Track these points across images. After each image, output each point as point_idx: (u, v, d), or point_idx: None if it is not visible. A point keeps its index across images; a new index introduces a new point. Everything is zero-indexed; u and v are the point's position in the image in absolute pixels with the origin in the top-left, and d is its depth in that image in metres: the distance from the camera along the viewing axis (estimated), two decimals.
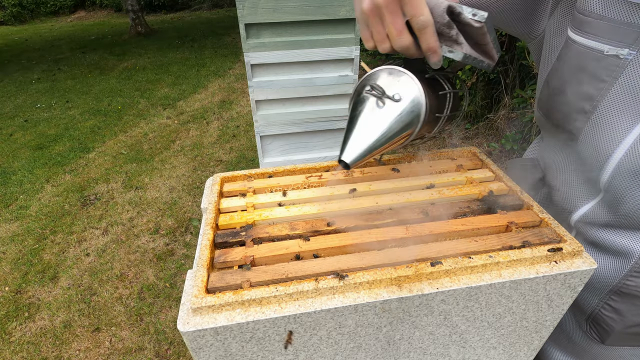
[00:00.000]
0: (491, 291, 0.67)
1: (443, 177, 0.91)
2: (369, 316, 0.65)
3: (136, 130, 4.00)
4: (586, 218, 0.78)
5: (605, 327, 0.80)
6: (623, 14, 0.58)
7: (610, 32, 0.60)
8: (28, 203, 2.89)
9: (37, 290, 2.15)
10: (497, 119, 3.14)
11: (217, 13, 11.14)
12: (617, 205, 0.70)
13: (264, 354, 0.66)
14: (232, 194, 0.90)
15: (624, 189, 0.66)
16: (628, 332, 0.78)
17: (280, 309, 0.61)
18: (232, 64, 6.06)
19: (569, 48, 0.68)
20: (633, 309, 0.75)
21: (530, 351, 0.85)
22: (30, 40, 8.84)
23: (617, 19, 0.59)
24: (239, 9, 1.48)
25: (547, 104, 0.78)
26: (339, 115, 1.81)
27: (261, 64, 1.64)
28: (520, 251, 0.68)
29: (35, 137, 3.97)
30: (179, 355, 1.76)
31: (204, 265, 0.67)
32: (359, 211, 0.82)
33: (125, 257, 2.33)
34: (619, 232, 0.74)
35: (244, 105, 4.42)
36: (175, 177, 3.12)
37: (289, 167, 0.96)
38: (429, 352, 0.78)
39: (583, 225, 0.80)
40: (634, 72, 0.60)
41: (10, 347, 1.84)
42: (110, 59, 6.73)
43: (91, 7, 12.75)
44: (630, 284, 0.73)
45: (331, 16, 1.56)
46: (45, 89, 5.43)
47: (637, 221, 0.69)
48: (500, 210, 0.80)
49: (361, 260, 0.68)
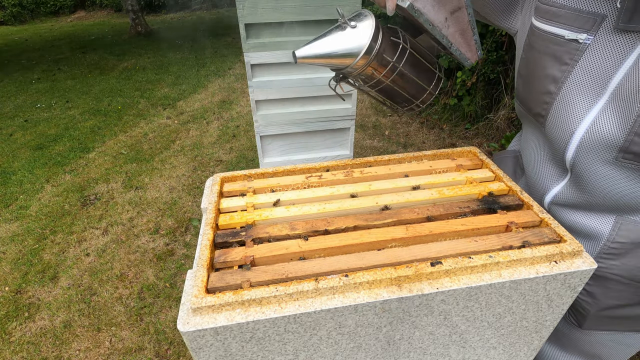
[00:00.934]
0: (491, 291, 0.67)
1: (443, 177, 0.91)
2: (369, 316, 0.65)
3: (136, 130, 4.00)
4: (557, 199, 0.81)
5: (581, 311, 0.83)
6: (582, 3, 0.65)
7: (570, 19, 0.66)
8: (28, 203, 2.89)
9: (37, 290, 2.15)
10: (497, 119, 3.14)
11: (217, 13, 11.14)
12: (582, 184, 0.74)
13: (264, 354, 0.66)
14: (232, 194, 0.90)
15: (587, 165, 0.71)
16: (603, 315, 0.80)
17: (280, 309, 0.61)
18: (232, 64, 6.06)
19: (534, 35, 0.74)
20: (605, 292, 0.77)
21: (530, 351, 0.85)
22: (30, 40, 8.84)
23: (576, 8, 0.65)
24: (239, 9, 1.48)
25: (521, 93, 0.84)
26: (339, 115, 1.81)
27: (261, 64, 1.64)
28: (520, 251, 0.68)
29: (35, 137, 3.97)
30: (179, 355, 1.76)
31: (204, 265, 0.67)
32: (359, 211, 0.82)
33: (125, 257, 2.33)
34: (587, 215, 0.77)
35: (244, 105, 4.42)
36: (175, 177, 3.12)
37: (289, 167, 0.96)
38: (429, 352, 0.78)
39: (556, 207, 0.83)
40: (592, 55, 0.65)
41: (10, 347, 1.84)
42: (110, 59, 6.72)
43: (91, 7, 12.75)
44: (602, 265, 0.75)
45: (331, 16, 1.56)
46: (45, 89, 5.43)
47: (600, 198, 0.72)
48: (500, 210, 0.80)
49: (361, 260, 0.68)
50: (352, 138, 1.91)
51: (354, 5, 1.54)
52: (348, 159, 1.00)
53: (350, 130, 1.89)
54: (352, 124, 1.86)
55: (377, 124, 3.77)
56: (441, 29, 0.74)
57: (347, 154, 1.94)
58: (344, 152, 1.93)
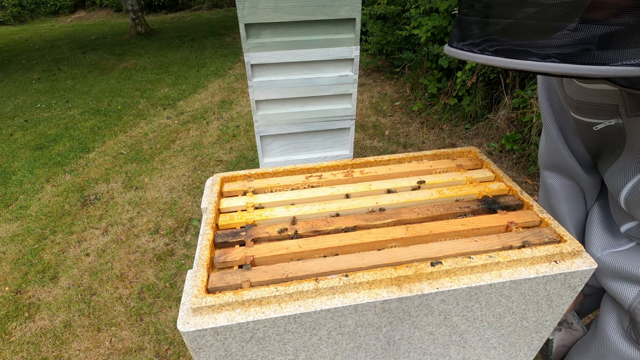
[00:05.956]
0: (491, 291, 0.67)
1: (443, 177, 0.91)
2: (369, 316, 0.65)
3: (136, 130, 4.00)
4: (630, 232, 0.84)
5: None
6: (596, 97, 0.68)
7: (592, 111, 0.71)
8: (28, 203, 2.89)
9: (37, 290, 2.14)
10: (497, 119, 3.13)
11: (217, 13, 11.14)
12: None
13: (264, 354, 0.66)
14: (232, 194, 0.90)
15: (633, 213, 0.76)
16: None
17: (280, 309, 0.61)
18: (232, 64, 6.06)
19: (579, 122, 0.77)
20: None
21: (530, 351, 0.85)
22: (30, 40, 8.84)
23: (593, 102, 0.69)
24: (239, 9, 1.48)
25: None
26: (339, 115, 1.81)
27: (261, 64, 1.64)
28: (520, 251, 0.68)
29: (35, 137, 3.97)
30: (179, 355, 1.76)
31: (204, 265, 0.67)
32: (358, 211, 0.82)
33: (125, 257, 2.32)
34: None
35: (244, 105, 4.41)
36: (175, 177, 3.12)
37: (289, 167, 0.96)
38: (429, 352, 0.78)
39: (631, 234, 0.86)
40: (630, 132, 0.69)
41: (10, 347, 1.84)
42: (110, 59, 6.72)
43: (91, 7, 12.75)
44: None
45: (331, 16, 1.56)
46: (45, 89, 5.42)
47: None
48: (500, 210, 0.80)
49: (361, 260, 0.68)
50: (352, 138, 1.91)
51: (354, 5, 1.54)
52: (348, 159, 1.00)
53: (350, 130, 1.89)
54: (352, 124, 1.86)
55: (377, 124, 3.77)
56: None
57: (347, 154, 1.94)
58: (344, 152, 1.93)
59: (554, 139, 0.83)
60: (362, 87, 4.57)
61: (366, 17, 4.63)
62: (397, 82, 4.53)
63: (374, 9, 4.36)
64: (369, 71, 5.03)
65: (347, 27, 1.61)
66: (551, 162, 0.87)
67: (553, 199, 0.91)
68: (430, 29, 3.45)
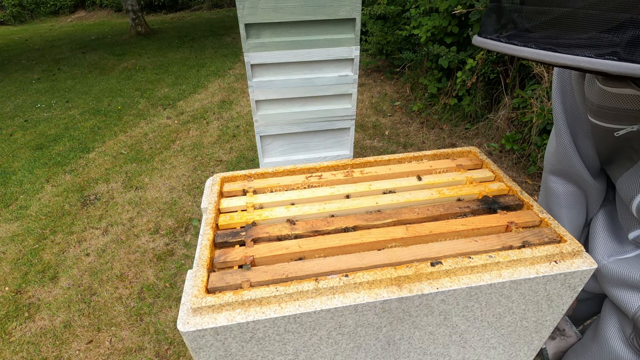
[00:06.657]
0: (491, 291, 0.67)
1: (443, 177, 0.91)
2: (369, 316, 0.65)
3: (136, 130, 4.00)
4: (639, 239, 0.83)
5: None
6: (618, 102, 0.66)
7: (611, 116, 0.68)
8: (28, 203, 2.89)
9: (37, 290, 2.14)
10: (497, 119, 3.13)
11: (217, 13, 11.14)
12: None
13: (264, 354, 0.66)
14: (232, 194, 0.89)
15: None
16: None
17: (280, 309, 0.61)
18: (232, 64, 6.06)
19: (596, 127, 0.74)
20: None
21: (530, 351, 0.85)
22: (30, 40, 8.83)
23: (614, 107, 0.67)
24: (239, 9, 1.48)
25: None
26: (339, 115, 1.81)
27: (261, 64, 1.64)
28: (520, 251, 0.68)
29: (35, 137, 3.97)
30: (179, 355, 1.76)
31: (204, 265, 0.67)
32: (358, 211, 0.82)
33: (125, 257, 2.32)
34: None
35: (244, 105, 4.41)
36: (175, 177, 3.12)
37: (289, 167, 0.96)
38: (429, 352, 0.78)
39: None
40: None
41: (10, 347, 1.84)
42: (110, 59, 6.72)
43: (91, 7, 12.75)
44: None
45: (331, 16, 1.56)
46: (45, 89, 5.42)
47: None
48: (500, 210, 0.80)
49: (361, 260, 0.68)
50: (352, 138, 1.91)
51: (354, 5, 1.54)
52: (348, 159, 1.00)
53: (350, 130, 1.89)
54: (352, 124, 1.86)
55: (377, 124, 3.76)
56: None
57: (347, 154, 1.94)
58: (344, 152, 1.93)
59: (565, 145, 0.81)
60: (362, 87, 4.57)
61: (366, 17, 4.63)
62: (397, 82, 4.53)
63: (374, 9, 4.36)
64: (369, 71, 5.03)
65: (347, 27, 1.61)
66: (558, 167, 0.86)
67: (554, 203, 0.90)
68: (430, 29, 3.45)
